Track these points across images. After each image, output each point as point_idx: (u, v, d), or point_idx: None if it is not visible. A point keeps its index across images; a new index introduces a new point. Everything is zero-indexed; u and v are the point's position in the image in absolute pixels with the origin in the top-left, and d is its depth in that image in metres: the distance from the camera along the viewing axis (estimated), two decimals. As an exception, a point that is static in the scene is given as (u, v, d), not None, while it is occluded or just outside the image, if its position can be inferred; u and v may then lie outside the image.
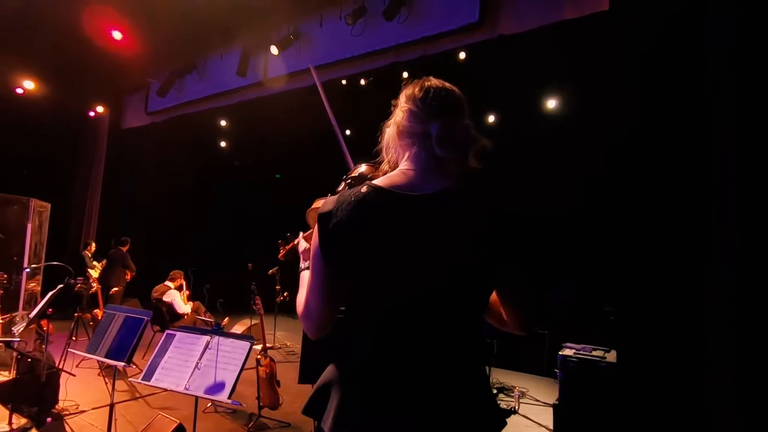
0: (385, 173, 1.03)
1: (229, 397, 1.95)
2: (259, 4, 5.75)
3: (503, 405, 4.13)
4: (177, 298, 5.14)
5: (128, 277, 6.84)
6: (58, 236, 6.95)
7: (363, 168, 1.14)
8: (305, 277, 1.08)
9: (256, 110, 7.37)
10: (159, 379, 2.08)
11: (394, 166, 1.02)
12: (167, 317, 5.16)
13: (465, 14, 4.89)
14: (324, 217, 0.93)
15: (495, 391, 4.54)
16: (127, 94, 8.44)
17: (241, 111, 7.56)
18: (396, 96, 1.06)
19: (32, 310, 3.21)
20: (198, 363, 2.04)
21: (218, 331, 2.20)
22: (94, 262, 6.86)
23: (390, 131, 1.03)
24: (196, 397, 2.06)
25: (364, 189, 0.92)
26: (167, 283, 5.21)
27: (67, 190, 8.43)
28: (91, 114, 8.27)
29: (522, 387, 4.76)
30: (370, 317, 0.93)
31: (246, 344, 2.10)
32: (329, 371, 0.99)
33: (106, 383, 4.08)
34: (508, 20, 4.70)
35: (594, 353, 3.14)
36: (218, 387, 1.96)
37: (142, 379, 2.12)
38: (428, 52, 5.35)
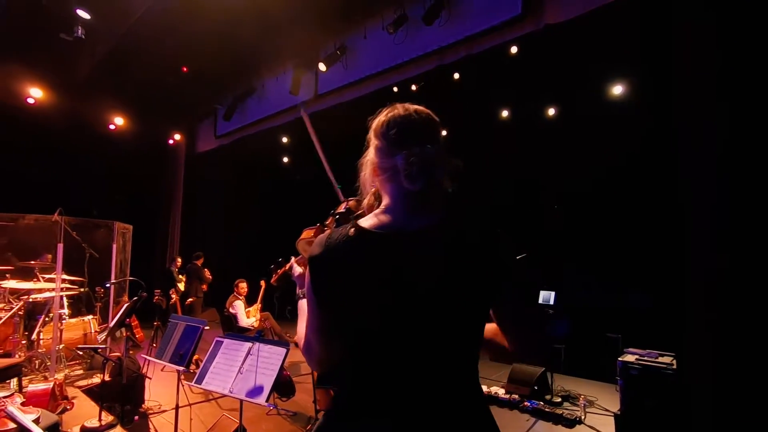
0: (370, 206, 1.04)
1: (266, 400, 2.08)
2: (306, 25, 6.05)
3: (566, 414, 3.88)
4: (240, 310, 5.48)
5: (204, 287, 7.44)
6: (146, 253, 7.82)
7: (350, 203, 1.17)
8: (303, 307, 1.10)
9: (313, 125, 7.71)
10: (208, 383, 2.27)
11: (379, 199, 1.02)
12: (236, 326, 5.54)
13: (507, 9, 4.77)
14: (313, 261, 0.94)
15: (559, 399, 4.29)
16: (198, 121, 9.29)
17: (298, 127, 7.95)
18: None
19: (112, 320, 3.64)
20: (240, 368, 2.20)
21: (259, 338, 2.35)
22: (180, 276, 7.59)
23: (366, 169, 1.03)
24: (241, 400, 2.22)
25: (351, 231, 0.93)
26: (235, 293, 5.60)
27: (153, 211, 9.43)
28: (170, 142, 9.20)
29: (591, 395, 4.44)
30: (362, 356, 0.93)
31: (282, 350, 2.22)
32: (326, 412, 1.01)
33: (183, 386, 4.49)
34: (553, 9, 4.51)
35: (660, 359, 2.85)
36: (257, 390, 2.10)
37: (194, 383, 2.33)
38: (473, 51, 5.28)
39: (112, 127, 8.25)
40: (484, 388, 4.65)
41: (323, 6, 5.73)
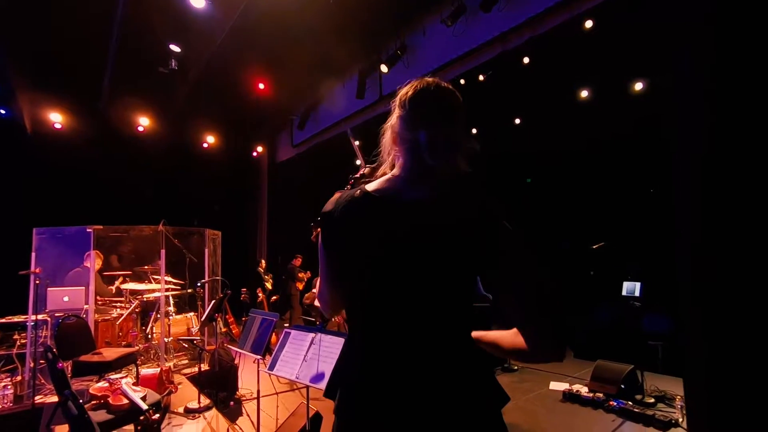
0: (383, 173, 1.09)
1: (327, 386, 2.22)
2: (367, 30, 6.24)
3: (660, 416, 3.54)
4: (322, 303, 5.84)
5: (300, 286, 7.98)
6: (238, 256, 8.67)
7: (365, 170, 1.23)
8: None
9: (379, 126, 7.90)
10: (279, 369, 2.49)
11: (392, 167, 1.06)
12: (318, 321, 5.89)
13: (570, -18, 4.48)
14: (324, 215, 1.05)
15: (652, 400, 3.92)
16: (277, 132, 10.01)
17: (367, 129, 8.18)
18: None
19: (203, 315, 4.10)
20: (305, 356, 2.38)
21: (321, 329, 2.52)
22: (266, 276, 8.28)
23: (387, 135, 1.06)
24: (307, 386, 2.39)
25: (357, 193, 1.02)
26: (314, 290, 5.96)
27: (243, 218, 10.38)
28: (254, 154, 10.03)
29: (692, 397, 3.98)
30: (359, 307, 1.03)
31: (341, 340, 2.36)
32: (338, 359, 1.10)
33: (270, 376, 4.90)
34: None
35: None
36: (319, 377, 2.25)
37: (267, 369, 2.57)
38: (536, 32, 5.04)
39: (205, 145, 9.26)
40: (566, 385, 4.41)
41: (382, 9, 5.86)
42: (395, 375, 0.94)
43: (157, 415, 2.27)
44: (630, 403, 3.84)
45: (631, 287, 4.41)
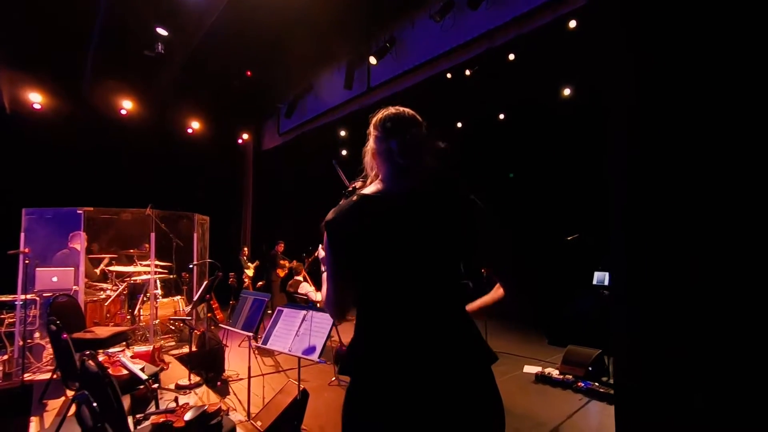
0: (371, 184, 1.32)
1: (319, 357, 2.40)
2: (356, 21, 6.32)
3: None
4: (307, 289, 5.97)
5: (281, 273, 8.09)
6: (223, 242, 8.72)
7: (357, 183, 1.44)
8: (325, 277, 1.38)
9: (367, 117, 8.00)
10: (272, 343, 2.65)
11: (377, 178, 1.30)
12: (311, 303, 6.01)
13: (555, -16, 4.66)
14: (328, 223, 1.23)
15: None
16: (263, 120, 10.00)
17: (354, 120, 8.27)
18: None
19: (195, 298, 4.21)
20: (297, 331, 2.54)
21: (312, 307, 2.68)
22: (249, 263, 8.35)
23: (368, 155, 1.31)
24: (299, 358, 2.56)
25: (354, 198, 1.22)
26: (297, 277, 6.08)
27: (228, 204, 10.38)
28: (240, 141, 10.02)
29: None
30: (369, 289, 1.19)
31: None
32: (352, 339, 1.25)
33: (256, 358, 5.05)
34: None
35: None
36: (311, 349, 2.42)
37: (261, 344, 2.72)
38: (522, 30, 5.21)
39: (189, 131, 9.20)
40: (538, 369, 4.69)
41: (372, 1, 5.95)
42: (403, 341, 1.12)
43: (156, 385, 2.39)
44: (596, 384, 4.14)
45: (601, 277, 4.69)
